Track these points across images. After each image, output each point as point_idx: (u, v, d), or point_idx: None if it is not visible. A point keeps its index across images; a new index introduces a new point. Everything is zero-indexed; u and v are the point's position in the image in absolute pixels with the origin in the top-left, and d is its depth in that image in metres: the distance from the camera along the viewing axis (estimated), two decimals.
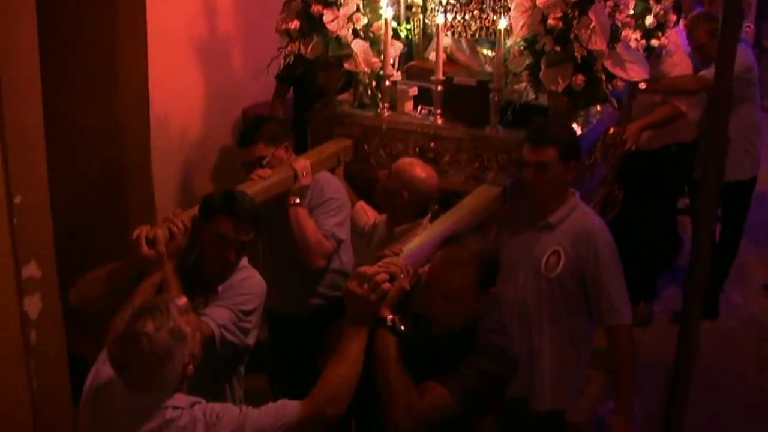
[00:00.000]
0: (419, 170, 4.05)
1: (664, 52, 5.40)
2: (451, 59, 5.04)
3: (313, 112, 4.93)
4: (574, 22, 4.03)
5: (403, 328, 3.02)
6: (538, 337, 3.99)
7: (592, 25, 4.01)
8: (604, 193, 5.33)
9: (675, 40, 5.56)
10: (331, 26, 4.54)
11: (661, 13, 5.19)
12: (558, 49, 4.08)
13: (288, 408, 2.85)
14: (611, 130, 5.09)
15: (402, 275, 3.07)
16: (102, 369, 2.86)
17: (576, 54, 4.02)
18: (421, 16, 5.07)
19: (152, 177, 5.12)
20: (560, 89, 4.11)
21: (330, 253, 4.27)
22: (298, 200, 4.23)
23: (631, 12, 4.87)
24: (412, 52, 5.16)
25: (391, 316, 3.02)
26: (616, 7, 4.18)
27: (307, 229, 4.19)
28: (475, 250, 3.09)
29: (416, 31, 5.12)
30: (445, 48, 5.01)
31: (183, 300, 2.82)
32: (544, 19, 4.09)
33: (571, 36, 4.04)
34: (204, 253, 3.58)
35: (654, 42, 5.22)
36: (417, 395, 2.98)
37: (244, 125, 4.46)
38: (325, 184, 4.38)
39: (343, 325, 3.04)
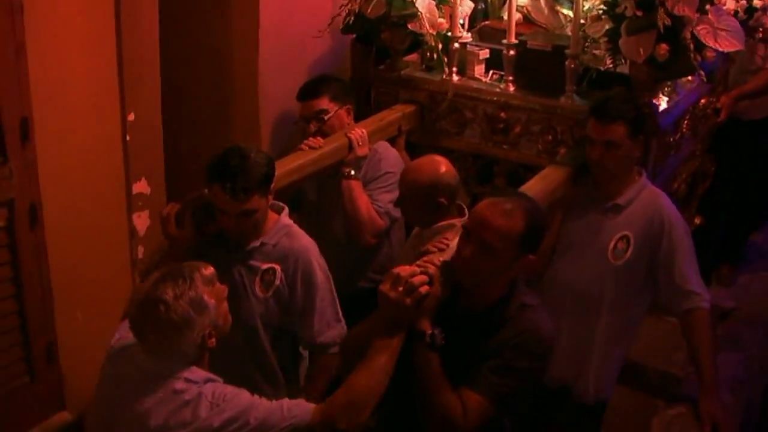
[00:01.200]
0: (411, 174, 3.51)
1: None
2: (528, 20, 4.61)
3: (377, 74, 4.56)
4: None
5: (443, 342, 2.66)
6: (592, 326, 3.63)
7: None
8: (694, 167, 4.86)
9: None
10: None
11: None
12: (640, 14, 3.63)
13: (301, 409, 2.60)
14: (702, 101, 4.61)
15: (440, 279, 2.66)
16: (125, 331, 2.69)
17: (659, 22, 3.56)
18: None
19: (258, 104, 4.64)
20: (641, 60, 3.67)
21: (382, 230, 3.94)
22: (352, 172, 3.91)
23: None
24: (488, 10, 4.75)
25: (430, 331, 2.62)
26: None
27: (359, 204, 3.86)
28: (525, 206, 2.68)
29: None
30: (522, 7, 4.60)
31: (210, 270, 2.62)
32: None
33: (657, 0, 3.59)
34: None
35: (757, 1, 4.73)
36: (462, 412, 2.66)
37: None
38: (383, 156, 4.04)
39: (375, 328, 2.71)
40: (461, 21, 4.30)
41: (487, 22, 4.69)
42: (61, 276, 3.69)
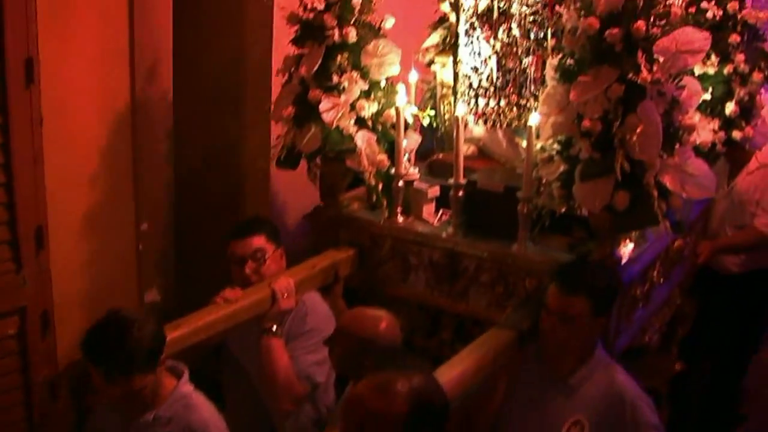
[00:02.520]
0: (349, 320, 3.11)
1: (747, 145, 4.46)
2: (484, 153, 4.17)
3: (315, 213, 4.09)
4: (617, 124, 3.12)
5: None
6: None
7: (640, 128, 3.10)
8: (670, 315, 4.34)
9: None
10: (326, 117, 3.71)
11: (746, 98, 4.24)
12: (597, 156, 3.17)
13: None
14: (677, 243, 4.12)
15: None
16: None
17: (618, 165, 3.10)
18: (451, 99, 4.23)
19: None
20: (597, 210, 3.19)
21: (300, 397, 3.42)
22: (274, 328, 3.42)
23: (704, 98, 3.96)
24: (441, 142, 4.32)
25: None
26: (674, 104, 3.22)
27: (277, 367, 3.35)
28: (414, 385, 2.24)
29: (446, 117, 4.29)
30: (478, 140, 4.16)
31: None
32: (580, 118, 3.19)
33: (615, 141, 3.13)
34: None
35: (736, 134, 4.28)
36: None
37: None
38: (310, 310, 3.54)
39: None
40: (406, 156, 3.85)
41: (439, 156, 4.25)
42: None
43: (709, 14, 4.15)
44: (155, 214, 4.04)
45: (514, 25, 3.88)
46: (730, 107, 4.19)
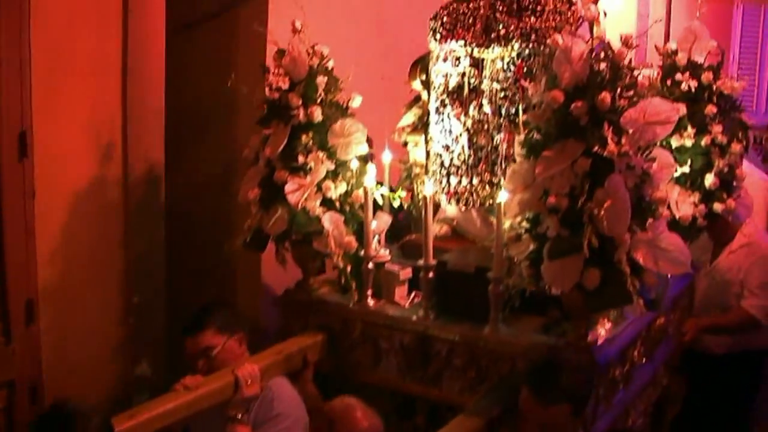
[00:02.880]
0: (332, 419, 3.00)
1: (730, 217, 4.34)
2: (457, 233, 4.05)
3: (284, 297, 3.96)
4: (584, 199, 3.00)
5: None
6: None
7: (608, 203, 2.99)
8: (657, 395, 4.17)
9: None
10: (292, 198, 3.61)
11: (726, 169, 4.14)
12: (565, 233, 3.05)
13: None
14: (660, 320, 3.97)
15: None
16: None
17: (586, 241, 2.98)
18: (424, 178, 4.12)
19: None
20: (567, 290, 3.06)
21: None
22: (239, 415, 3.27)
23: (683, 171, 3.99)
24: (413, 222, 4.19)
25: None
26: (644, 177, 3.11)
27: None
28: None
29: (419, 196, 4.18)
30: (451, 220, 4.05)
31: None
32: (547, 194, 3.09)
33: (584, 217, 3.02)
34: None
35: (717, 207, 4.16)
36: None
37: None
38: (276, 395, 3.39)
39: None
40: (376, 238, 3.73)
41: (412, 237, 4.12)
42: None
43: (684, 86, 4.09)
44: (147, 288, 4.01)
45: (484, 102, 3.79)
46: (709, 179, 4.07)
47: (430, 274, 3.56)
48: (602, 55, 3.10)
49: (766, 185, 5.15)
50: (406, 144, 4.32)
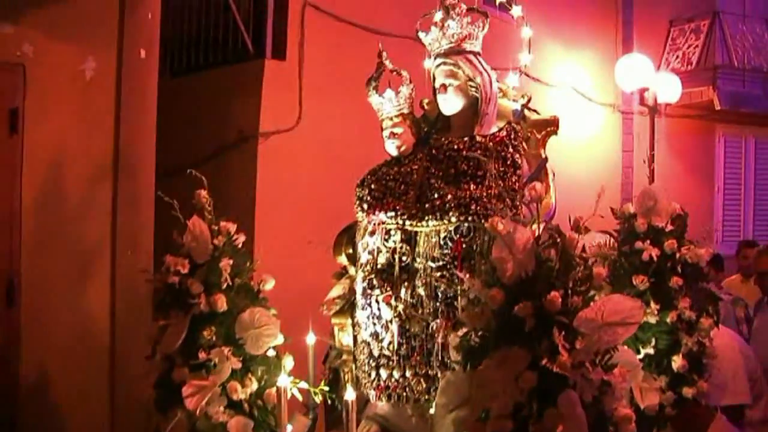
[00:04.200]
0: None
1: (704, 401, 3.76)
2: None
3: None
4: (532, 422, 2.45)
5: None
6: None
7: (561, 428, 2.41)
8: None
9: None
10: (190, 403, 3.03)
11: (696, 347, 3.59)
12: None
13: None
14: None
15: None
16: None
17: None
18: (352, 366, 3.56)
19: None
20: None
21: None
22: None
23: (646, 353, 3.46)
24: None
25: None
26: (603, 389, 2.56)
27: None
28: None
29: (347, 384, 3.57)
30: (382, 417, 3.46)
31: None
32: (487, 414, 2.52)
33: None
34: None
35: (687, 392, 3.59)
36: None
37: None
38: None
39: None
40: None
41: None
42: None
43: (645, 255, 3.55)
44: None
45: (418, 283, 3.30)
46: (677, 361, 3.52)
47: None
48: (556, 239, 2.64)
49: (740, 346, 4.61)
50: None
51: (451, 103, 3.53)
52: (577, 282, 2.62)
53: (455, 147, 3.46)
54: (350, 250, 3.62)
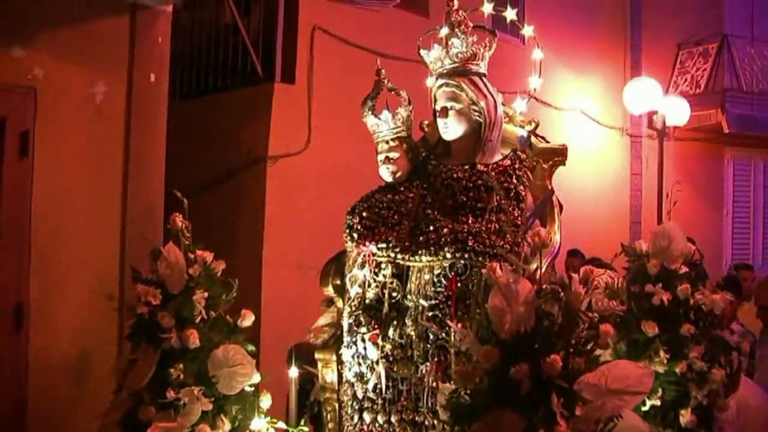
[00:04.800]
0: None
1: None
2: None
3: None
4: None
5: None
6: None
7: None
8: None
9: None
10: None
11: (706, 401, 3.24)
12: None
13: None
14: None
15: None
16: None
17: None
18: (336, 406, 3.25)
19: None
20: None
21: None
22: None
23: (652, 404, 3.09)
24: None
25: None
26: None
27: None
28: None
29: (329, 426, 3.27)
30: None
31: None
32: None
33: None
34: None
35: None
36: None
37: None
38: None
39: None
40: None
41: None
42: None
43: (656, 300, 3.19)
44: None
45: (408, 322, 3.00)
46: (685, 416, 3.16)
47: None
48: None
49: None
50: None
51: (451, 128, 3.24)
52: (581, 342, 2.35)
53: (454, 176, 3.17)
54: (338, 281, 3.28)
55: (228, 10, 6.71)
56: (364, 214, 3.21)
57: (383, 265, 3.10)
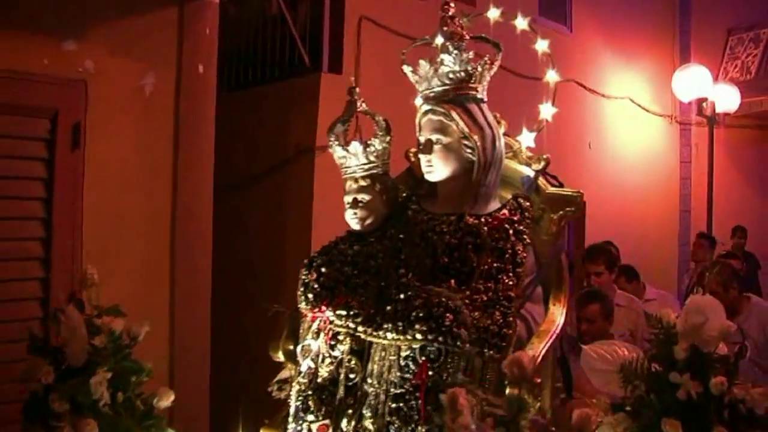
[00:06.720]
0: None
1: None
2: None
3: None
4: None
5: None
6: None
7: None
8: None
9: None
10: None
11: None
12: None
13: None
14: None
15: None
16: None
17: None
18: None
19: None
20: None
21: None
22: None
23: None
24: None
25: None
26: None
27: None
28: None
29: None
30: None
31: None
32: None
33: None
34: None
35: None
36: None
37: None
38: None
39: None
40: None
41: None
42: None
43: (682, 393, 2.35)
44: None
45: (366, 413, 2.35)
46: None
47: None
48: None
49: None
50: None
51: (436, 167, 2.55)
52: None
53: (437, 229, 2.49)
54: (291, 346, 2.61)
55: (275, 1, 6.71)
56: (323, 269, 2.52)
57: (341, 337, 2.42)
